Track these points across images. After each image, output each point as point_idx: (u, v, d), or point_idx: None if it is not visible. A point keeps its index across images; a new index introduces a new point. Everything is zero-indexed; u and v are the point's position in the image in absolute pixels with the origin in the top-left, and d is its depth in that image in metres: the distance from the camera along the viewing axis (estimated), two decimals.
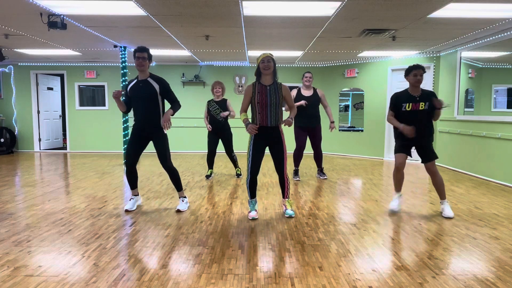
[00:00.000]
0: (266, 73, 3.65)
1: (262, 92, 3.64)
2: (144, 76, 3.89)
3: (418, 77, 3.81)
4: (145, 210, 4.08)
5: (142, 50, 3.81)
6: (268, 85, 3.69)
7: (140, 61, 3.79)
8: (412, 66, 3.85)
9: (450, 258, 2.81)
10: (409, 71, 3.86)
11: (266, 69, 3.61)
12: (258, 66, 3.67)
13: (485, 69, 6.64)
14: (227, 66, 9.36)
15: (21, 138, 9.63)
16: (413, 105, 3.84)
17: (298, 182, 5.65)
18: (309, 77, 5.68)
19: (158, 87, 3.87)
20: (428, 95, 3.88)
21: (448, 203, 4.04)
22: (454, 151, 6.85)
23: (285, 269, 2.59)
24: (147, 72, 3.92)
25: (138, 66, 3.82)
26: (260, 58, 3.66)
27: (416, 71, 3.81)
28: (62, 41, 6.76)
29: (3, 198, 4.58)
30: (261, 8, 4.54)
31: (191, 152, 9.43)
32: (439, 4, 4.31)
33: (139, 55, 3.80)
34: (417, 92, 3.89)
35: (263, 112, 3.65)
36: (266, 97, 3.63)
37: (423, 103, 3.84)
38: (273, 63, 3.65)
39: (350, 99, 11.06)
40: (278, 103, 3.66)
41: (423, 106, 3.84)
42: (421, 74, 3.82)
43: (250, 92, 3.70)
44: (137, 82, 3.90)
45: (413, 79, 3.83)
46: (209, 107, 5.78)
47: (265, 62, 3.61)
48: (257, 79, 3.72)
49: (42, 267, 2.59)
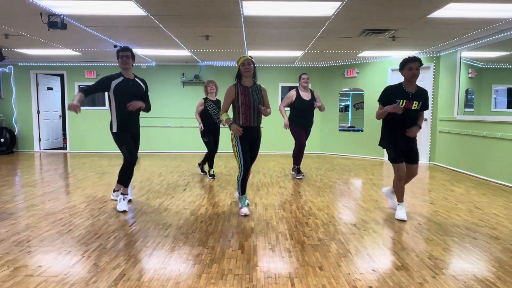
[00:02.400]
0: (246, 76, 3.79)
1: (245, 94, 3.79)
2: (130, 76, 4.02)
3: (414, 71, 3.36)
4: (145, 210, 4.08)
5: (125, 50, 3.95)
6: (250, 86, 3.84)
7: (125, 59, 3.91)
8: (407, 59, 3.40)
9: (450, 258, 2.81)
10: (404, 64, 3.42)
11: (247, 71, 3.75)
12: (239, 69, 3.79)
13: (485, 69, 6.64)
14: (227, 66, 9.36)
15: (21, 138, 9.63)
16: (407, 103, 3.44)
17: (299, 182, 5.65)
18: (306, 78, 5.74)
19: (144, 87, 4.12)
20: (423, 93, 3.52)
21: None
22: (454, 151, 6.85)
23: (285, 269, 2.59)
24: (131, 72, 4.05)
25: (123, 65, 3.93)
26: (240, 61, 3.78)
27: (411, 64, 3.36)
28: (62, 41, 6.76)
29: (3, 198, 4.58)
30: (261, 8, 4.54)
31: (191, 152, 9.43)
32: (439, 4, 4.30)
33: (123, 54, 3.91)
34: (412, 88, 3.46)
35: (247, 113, 3.80)
36: (249, 98, 3.78)
37: (416, 102, 3.44)
38: (253, 65, 3.80)
39: (350, 99, 11.06)
40: (259, 103, 3.85)
41: (416, 106, 3.46)
42: (417, 67, 3.36)
43: (232, 93, 3.83)
44: (125, 80, 3.98)
45: (408, 73, 3.38)
46: (207, 105, 5.76)
47: (246, 65, 3.75)
48: (238, 81, 3.86)
49: (42, 267, 2.59)
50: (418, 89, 3.50)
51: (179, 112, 9.37)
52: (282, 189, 5.13)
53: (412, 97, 3.44)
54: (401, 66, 3.47)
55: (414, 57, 3.39)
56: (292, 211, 4.05)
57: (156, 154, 8.99)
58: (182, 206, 4.24)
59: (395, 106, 3.37)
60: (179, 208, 4.16)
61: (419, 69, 3.39)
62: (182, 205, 4.28)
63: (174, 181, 5.68)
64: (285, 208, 4.17)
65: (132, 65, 4.00)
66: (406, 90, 3.46)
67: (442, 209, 4.19)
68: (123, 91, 3.93)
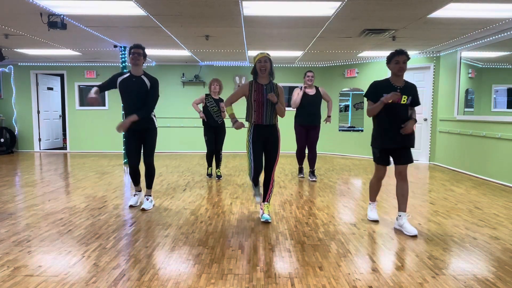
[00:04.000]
0: (262, 73, 3.66)
1: (259, 91, 3.67)
2: (138, 73, 3.96)
3: (401, 64, 3.28)
4: (145, 210, 4.07)
5: (138, 47, 3.92)
6: (265, 84, 3.71)
7: (136, 56, 3.88)
8: (393, 52, 3.32)
9: (450, 258, 2.81)
10: (391, 58, 3.33)
11: (262, 69, 3.62)
12: (255, 65, 3.68)
13: (485, 69, 6.63)
14: (227, 66, 9.35)
15: (21, 138, 9.63)
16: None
17: (299, 182, 5.65)
18: (311, 76, 5.70)
19: (149, 84, 3.95)
20: (412, 87, 3.41)
21: (408, 218, 3.60)
22: (454, 151, 6.85)
23: (285, 269, 2.59)
24: (141, 69, 3.99)
25: (132, 60, 3.89)
26: (257, 57, 3.65)
27: (398, 57, 3.27)
28: (62, 41, 6.76)
29: (3, 198, 4.58)
30: (261, 8, 4.54)
31: (191, 152, 9.43)
32: (439, 4, 4.30)
33: (135, 51, 3.89)
34: (399, 82, 3.36)
35: (259, 110, 3.67)
36: (262, 95, 3.65)
37: (405, 97, 3.32)
38: (270, 63, 3.65)
39: (350, 99, 11.05)
40: (273, 101, 3.68)
41: (405, 100, 3.33)
42: (404, 61, 3.28)
43: (246, 90, 3.72)
44: (129, 77, 3.94)
45: (396, 67, 3.29)
46: (207, 102, 5.74)
47: (262, 62, 3.62)
48: (254, 78, 3.75)
49: (42, 267, 2.59)
50: (406, 83, 3.40)
51: (179, 112, 9.37)
52: (282, 189, 5.13)
53: (400, 92, 3.32)
54: (388, 60, 3.38)
55: (401, 50, 3.31)
56: (292, 211, 4.05)
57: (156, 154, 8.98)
58: (182, 206, 4.24)
59: (394, 93, 3.23)
60: (179, 208, 4.15)
61: (406, 63, 3.31)
62: (182, 205, 4.28)
63: (174, 181, 5.68)
64: (285, 208, 4.17)
65: (142, 63, 3.96)
66: (394, 85, 3.36)
67: (442, 209, 4.19)
68: (126, 88, 3.91)
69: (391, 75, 3.41)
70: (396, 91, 3.29)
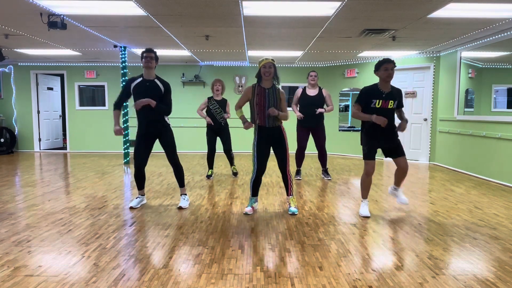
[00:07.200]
0: (266, 78, 3.83)
1: (261, 94, 3.84)
2: (150, 76, 3.99)
3: (389, 71, 3.61)
4: (145, 210, 4.08)
5: (149, 51, 3.98)
6: (267, 88, 3.88)
7: (148, 60, 3.94)
8: (382, 60, 3.65)
9: (450, 258, 2.81)
10: (380, 65, 3.66)
11: (266, 74, 3.81)
12: (260, 70, 3.84)
13: (485, 69, 6.64)
14: (227, 66, 9.35)
15: (21, 138, 9.63)
16: (383, 103, 3.66)
17: (299, 182, 5.65)
18: (314, 75, 5.69)
19: (163, 89, 4.00)
20: (398, 92, 3.75)
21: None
22: (454, 151, 6.85)
23: (285, 269, 2.59)
24: (154, 73, 4.02)
25: (145, 64, 3.94)
26: (262, 63, 3.83)
27: (387, 65, 3.61)
28: (62, 41, 6.76)
29: (3, 198, 4.58)
30: (261, 8, 4.54)
31: (191, 152, 9.43)
32: (439, 4, 4.30)
33: (147, 55, 3.95)
34: (387, 88, 3.70)
35: (261, 114, 3.86)
36: (264, 99, 3.83)
37: (392, 101, 3.67)
38: (274, 68, 3.85)
39: (350, 99, 11.05)
40: (275, 105, 3.85)
41: (392, 105, 3.68)
42: (392, 67, 3.63)
43: (249, 93, 3.91)
44: (143, 81, 3.97)
45: (384, 73, 3.62)
46: (210, 105, 5.76)
47: (266, 68, 3.80)
48: (258, 82, 3.91)
49: (42, 267, 2.59)
50: (393, 88, 3.74)
51: (179, 112, 9.36)
52: (282, 189, 5.13)
53: (386, 97, 3.66)
54: (377, 67, 3.70)
55: (389, 59, 3.65)
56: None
57: (156, 154, 8.96)
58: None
59: (380, 119, 3.56)
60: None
61: (393, 70, 3.64)
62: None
63: (174, 181, 5.67)
64: (285, 208, 4.17)
65: (154, 67, 4.01)
66: (381, 90, 3.69)
67: (442, 209, 4.19)
68: (139, 93, 3.92)
69: (379, 81, 3.72)
70: (382, 96, 3.66)
